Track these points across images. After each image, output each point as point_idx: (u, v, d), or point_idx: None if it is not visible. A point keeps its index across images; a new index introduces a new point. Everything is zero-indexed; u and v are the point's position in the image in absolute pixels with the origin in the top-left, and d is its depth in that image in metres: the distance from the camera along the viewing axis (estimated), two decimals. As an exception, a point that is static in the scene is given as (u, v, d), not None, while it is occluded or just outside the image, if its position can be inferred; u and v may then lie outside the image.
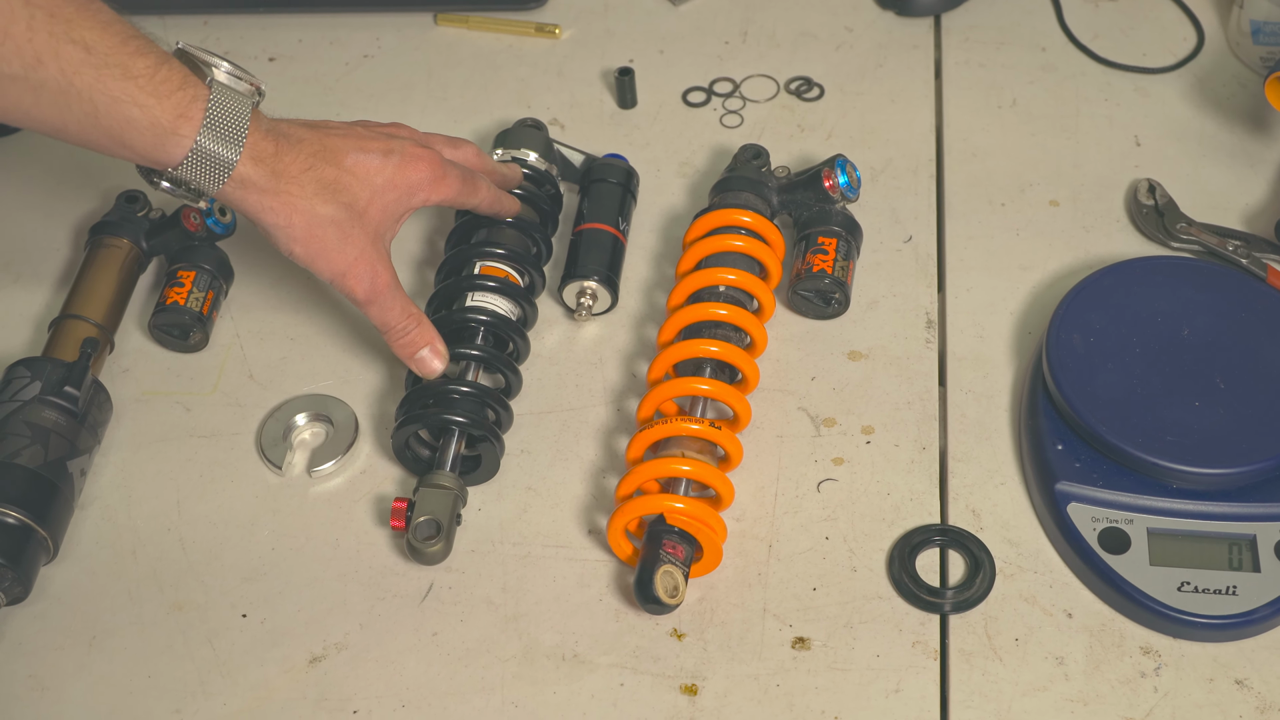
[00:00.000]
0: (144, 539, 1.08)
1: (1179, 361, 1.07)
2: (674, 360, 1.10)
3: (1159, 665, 0.99)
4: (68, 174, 1.31)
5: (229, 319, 1.21)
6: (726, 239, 1.14)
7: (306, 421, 1.14)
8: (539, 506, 1.09)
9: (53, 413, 1.07)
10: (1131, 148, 1.30)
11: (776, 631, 1.01)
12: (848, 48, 1.40)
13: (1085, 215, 1.25)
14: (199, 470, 1.12)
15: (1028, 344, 1.16)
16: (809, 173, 1.19)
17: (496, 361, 1.11)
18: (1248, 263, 1.19)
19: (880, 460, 1.10)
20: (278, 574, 1.06)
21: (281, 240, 1.03)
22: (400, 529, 1.05)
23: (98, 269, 1.19)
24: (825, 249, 1.16)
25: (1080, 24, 1.41)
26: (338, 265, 1.05)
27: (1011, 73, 1.37)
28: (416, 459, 1.09)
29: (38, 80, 0.94)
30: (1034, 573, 1.04)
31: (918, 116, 1.34)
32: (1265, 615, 0.99)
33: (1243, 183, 1.27)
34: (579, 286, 1.18)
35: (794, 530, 1.06)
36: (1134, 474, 1.04)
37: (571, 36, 1.42)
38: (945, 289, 1.20)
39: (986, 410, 1.12)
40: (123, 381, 1.16)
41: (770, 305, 1.14)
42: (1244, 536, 1.02)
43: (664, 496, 1.02)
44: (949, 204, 1.26)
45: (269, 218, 1.02)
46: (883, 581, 1.04)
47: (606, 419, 1.14)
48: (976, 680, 0.99)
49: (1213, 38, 1.39)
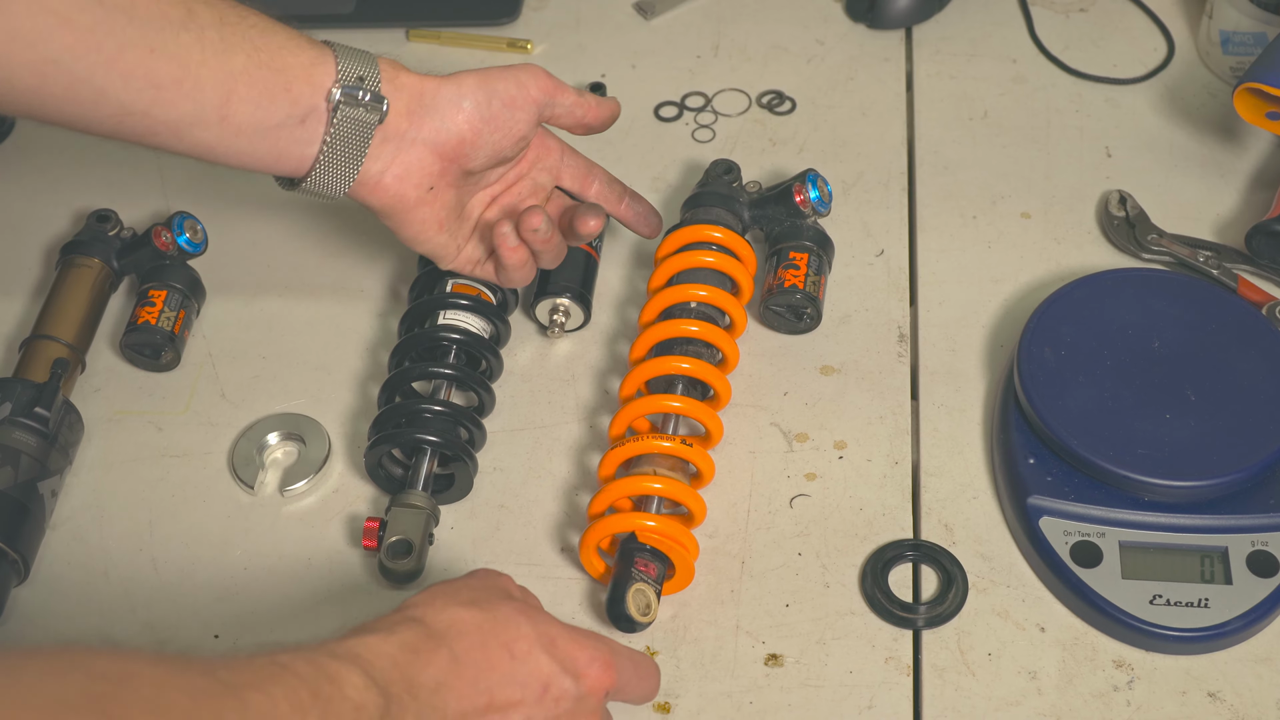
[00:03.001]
0: (115, 560, 1.08)
1: (1150, 374, 1.07)
2: (646, 377, 1.10)
3: (1132, 679, 0.99)
4: (39, 193, 1.31)
5: (201, 338, 1.20)
6: (698, 255, 1.14)
7: (279, 440, 1.14)
8: (511, 524, 1.09)
9: (23, 434, 1.07)
10: (1102, 159, 1.31)
11: (749, 648, 1.01)
12: (819, 61, 1.40)
13: (1057, 227, 1.25)
14: (171, 490, 1.11)
15: (1000, 357, 1.16)
16: (780, 188, 1.19)
17: (469, 380, 1.11)
18: (1218, 274, 1.19)
19: (853, 475, 1.10)
20: (250, 594, 1.06)
21: (450, 90, 1.03)
22: (372, 548, 1.04)
23: (69, 289, 1.18)
24: (797, 264, 1.17)
25: (1051, 35, 1.41)
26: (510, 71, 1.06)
27: (982, 84, 1.37)
28: (389, 478, 1.09)
29: (198, 27, 0.94)
30: (1007, 587, 1.04)
31: (889, 129, 1.34)
32: (1237, 628, 1.00)
33: (1213, 193, 1.28)
34: (552, 304, 1.18)
35: (766, 546, 1.06)
36: (1106, 487, 1.04)
37: (543, 51, 1.42)
38: (917, 302, 1.21)
39: (959, 424, 1.13)
40: (94, 401, 1.16)
41: (742, 321, 1.14)
42: (1215, 549, 1.02)
43: (635, 515, 1.02)
44: (921, 217, 1.27)
45: (431, 83, 1.03)
46: (855, 597, 1.04)
47: (579, 436, 1.14)
48: (950, 696, 0.99)
49: (1183, 48, 1.40)
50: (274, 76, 0.97)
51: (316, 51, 0.99)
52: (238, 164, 1.00)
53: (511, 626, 0.85)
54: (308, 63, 0.98)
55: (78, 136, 1.00)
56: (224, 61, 0.95)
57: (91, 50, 0.90)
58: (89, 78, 0.91)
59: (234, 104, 0.96)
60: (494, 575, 0.92)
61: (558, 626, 0.88)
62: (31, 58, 0.89)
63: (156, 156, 1.33)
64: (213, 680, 0.69)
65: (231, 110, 0.96)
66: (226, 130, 0.97)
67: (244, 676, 0.70)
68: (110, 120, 0.95)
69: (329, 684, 0.74)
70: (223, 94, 0.95)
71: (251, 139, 0.98)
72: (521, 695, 0.84)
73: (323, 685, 0.73)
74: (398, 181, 1.03)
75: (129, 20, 0.91)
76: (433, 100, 1.03)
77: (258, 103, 0.97)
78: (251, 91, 0.96)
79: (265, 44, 0.96)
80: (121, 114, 0.94)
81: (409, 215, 1.06)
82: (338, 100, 0.99)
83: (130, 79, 0.92)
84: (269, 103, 0.97)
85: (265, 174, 1.04)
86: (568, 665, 0.86)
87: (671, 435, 1.06)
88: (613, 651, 0.90)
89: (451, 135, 1.03)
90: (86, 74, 0.91)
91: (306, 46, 0.99)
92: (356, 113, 0.99)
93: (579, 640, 0.88)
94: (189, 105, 0.95)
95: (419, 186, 1.04)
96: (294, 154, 1.00)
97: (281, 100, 0.97)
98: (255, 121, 0.97)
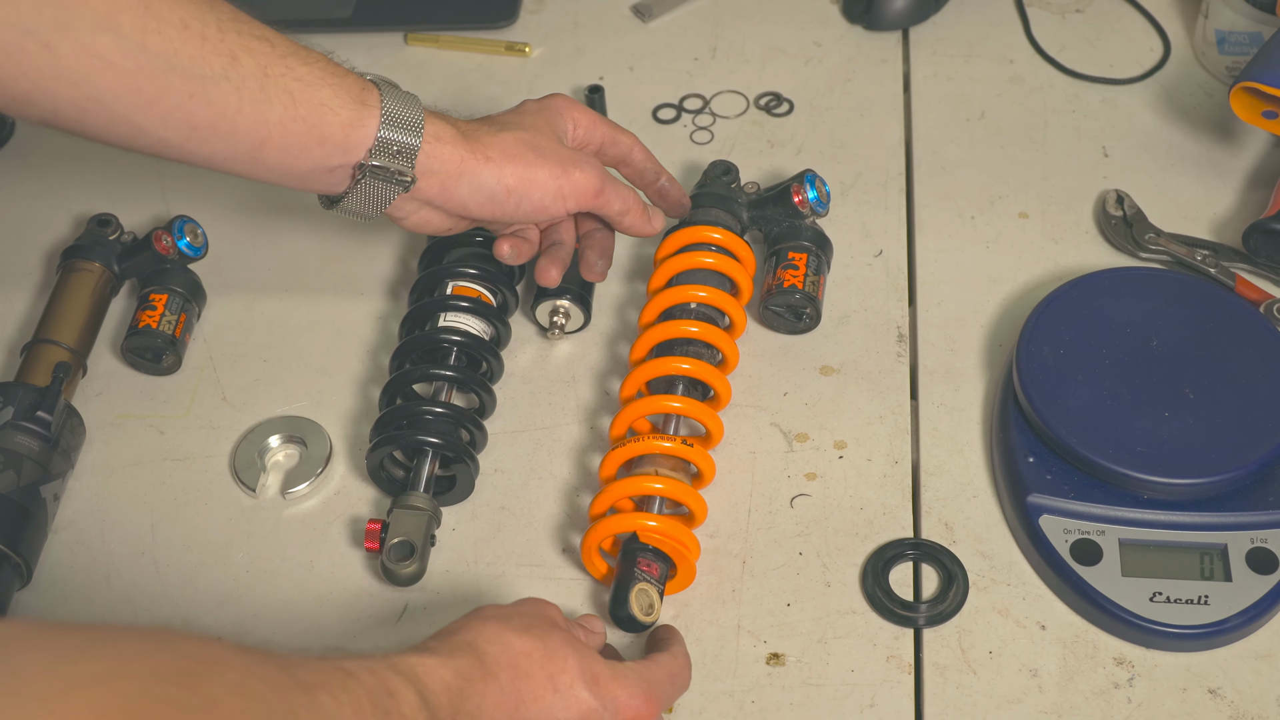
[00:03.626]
0: (118, 563, 1.08)
1: (1149, 372, 1.08)
2: (646, 378, 1.10)
3: (1132, 676, 1.00)
4: (39, 198, 1.31)
5: (201, 341, 1.21)
6: (697, 256, 1.14)
7: (280, 443, 1.14)
8: (513, 526, 1.09)
9: (25, 438, 1.07)
10: (1100, 158, 1.31)
11: (751, 648, 1.02)
12: (816, 62, 1.41)
13: (1054, 227, 1.26)
14: (173, 493, 1.12)
15: (999, 356, 1.16)
16: (778, 188, 1.20)
17: (470, 382, 1.11)
18: (1216, 272, 1.19)
19: (853, 475, 1.10)
20: (252, 597, 1.06)
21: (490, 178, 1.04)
22: (374, 550, 1.05)
23: (70, 293, 1.19)
24: (796, 264, 1.17)
25: (1047, 36, 1.42)
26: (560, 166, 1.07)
27: (980, 85, 1.38)
28: (391, 480, 1.10)
29: (238, 77, 0.96)
30: (1007, 585, 1.04)
31: (887, 130, 1.34)
32: (1237, 624, 1.00)
33: (1210, 192, 1.28)
34: (552, 305, 1.18)
35: (767, 546, 1.07)
36: (1105, 485, 1.04)
37: (541, 55, 1.43)
38: (916, 302, 1.21)
39: (958, 423, 1.13)
40: (95, 405, 1.16)
41: (741, 322, 1.15)
42: (1215, 546, 1.02)
43: (638, 515, 1.02)
44: (919, 217, 1.27)
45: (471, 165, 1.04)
46: (856, 596, 1.04)
47: (580, 437, 1.14)
48: (951, 694, 0.99)
49: (1179, 48, 1.40)
50: (309, 131, 0.99)
51: (359, 113, 1.01)
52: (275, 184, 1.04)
53: (559, 659, 0.87)
54: (346, 123, 1.00)
55: (78, 141, 1.00)
56: (261, 112, 0.97)
57: (132, 93, 0.94)
58: (128, 116, 0.95)
59: (267, 150, 0.99)
60: (542, 604, 0.94)
61: (601, 663, 0.90)
62: (75, 95, 0.93)
63: (157, 162, 1.32)
64: (288, 675, 0.72)
65: (264, 155, 0.99)
66: (258, 169, 1.01)
67: (316, 677, 0.74)
68: (147, 150, 0.99)
69: (388, 698, 0.77)
70: (256, 141, 0.98)
71: (282, 177, 1.02)
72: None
73: (382, 698, 0.77)
74: (418, 226, 1.08)
75: (169, 68, 0.94)
76: (468, 181, 1.04)
77: (289, 152, 1.00)
78: (284, 141, 0.99)
79: (305, 99, 0.99)
80: (159, 147, 0.98)
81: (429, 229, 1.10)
82: (366, 170, 1.02)
83: (168, 120, 0.96)
84: (300, 154, 1.00)
85: None
86: (607, 702, 0.88)
87: (673, 436, 1.06)
88: (651, 683, 0.92)
89: (470, 212, 1.06)
90: (126, 113, 0.95)
91: (350, 104, 1.00)
92: (381, 184, 1.02)
93: (621, 678, 0.90)
94: (223, 146, 0.98)
95: (436, 229, 1.09)
96: (323, 188, 1.04)
97: (314, 153, 1.00)
98: (285, 167, 1.01)
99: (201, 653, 0.69)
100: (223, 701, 0.67)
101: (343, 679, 0.76)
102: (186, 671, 0.67)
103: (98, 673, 0.63)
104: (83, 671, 0.63)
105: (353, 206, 1.04)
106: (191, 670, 0.67)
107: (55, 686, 0.61)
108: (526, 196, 1.06)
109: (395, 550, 1.04)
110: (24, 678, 0.61)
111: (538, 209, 1.07)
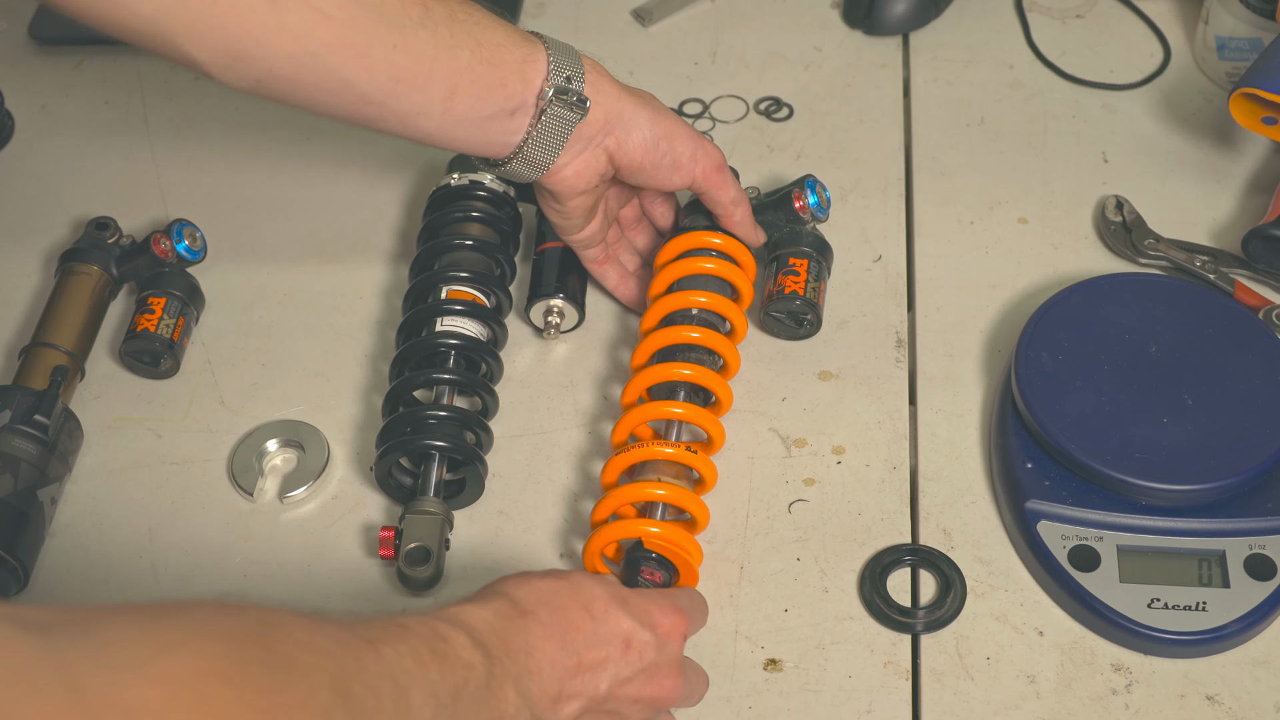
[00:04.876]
0: (115, 567, 1.08)
1: (1147, 378, 1.08)
2: (648, 384, 1.10)
3: (1130, 682, 0.99)
4: (38, 201, 1.31)
5: (200, 345, 1.21)
6: (698, 261, 1.14)
7: (278, 447, 1.14)
8: (511, 531, 1.09)
9: (23, 441, 1.07)
10: (1099, 164, 1.31)
11: (748, 653, 1.02)
12: (816, 67, 1.41)
13: (1054, 232, 1.26)
14: (170, 497, 1.12)
15: (997, 362, 1.16)
16: (779, 193, 1.20)
17: (472, 384, 1.11)
18: (1215, 278, 1.19)
19: (851, 480, 1.10)
20: (249, 601, 1.05)
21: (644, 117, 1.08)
22: (390, 557, 1.04)
23: (68, 296, 1.19)
24: (797, 270, 1.17)
25: (1047, 41, 1.42)
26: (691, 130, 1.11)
27: (980, 90, 1.38)
28: (399, 487, 1.09)
29: (433, 24, 0.99)
30: (1005, 591, 1.04)
31: (886, 135, 1.34)
32: (1235, 631, 1.00)
33: (1210, 198, 1.28)
34: (545, 305, 1.18)
35: (765, 551, 1.07)
36: (1103, 491, 1.04)
37: (541, 58, 1.42)
38: (915, 308, 1.21)
39: (957, 429, 1.13)
40: (93, 409, 1.16)
41: (743, 327, 1.14)
42: (1213, 552, 1.02)
43: (641, 521, 1.02)
44: (918, 222, 1.27)
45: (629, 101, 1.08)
46: (854, 602, 1.04)
47: (579, 442, 1.14)
48: (948, 700, 0.99)
49: (1179, 54, 1.40)
50: (493, 72, 1.02)
51: (530, 48, 1.04)
52: (448, 146, 1.06)
53: (586, 590, 0.91)
54: (521, 59, 1.04)
55: (76, 145, 1.01)
56: (452, 58, 1.00)
57: (345, 45, 0.97)
58: (339, 70, 0.98)
59: (457, 97, 1.02)
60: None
61: (626, 589, 0.94)
62: (294, 50, 0.96)
63: (155, 165, 1.33)
64: (350, 633, 0.76)
65: (454, 103, 1.02)
66: (447, 120, 1.03)
67: (375, 633, 0.78)
68: (348, 108, 1.01)
69: (442, 643, 0.81)
70: (449, 88, 1.01)
71: (468, 128, 1.04)
72: (607, 653, 0.90)
73: (437, 644, 0.81)
74: (575, 176, 1.09)
75: (379, 17, 0.97)
76: (625, 116, 1.08)
77: (477, 96, 1.02)
78: (474, 86, 1.02)
79: (487, 39, 1.02)
80: (361, 103, 1.01)
81: (569, 201, 1.11)
82: (549, 98, 1.04)
83: (374, 72, 0.99)
84: (487, 96, 1.02)
85: None
86: (644, 619, 0.92)
87: (675, 442, 1.06)
88: (675, 598, 0.96)
89: (626, 155, 1.09)
90: (338, 66, 0.98)
91: (521, 43, 1.04)
92: (562, 111, 1.05)
93: (648, 595, 0.95)
94: (419, 98, 1.01)
95: (589, 181, 1.10)
96: (500, 141, 1.06)
97: (498, 94, 1.03)
98: (473, 113, 1.03)
99: (269, 617, 0.72)
100: (298, 658, 0.70)
101: (398, 631, 0.80)
102: (260, 633, 0.70)
103: (181, 638, 0.66)
104: (165, 638, 0.65)
105: (531, 152, 1.06)
106: (264, 631, 0.70)
107: (143, 654, 0.64)
108: (670, 148, 1.09)
109: (411, 555, 1.04)
110: (111, 648, 0.63)
111: (675, 166, 1.10)
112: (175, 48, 0.94)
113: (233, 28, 0.93)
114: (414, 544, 1.04)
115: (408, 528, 1.05)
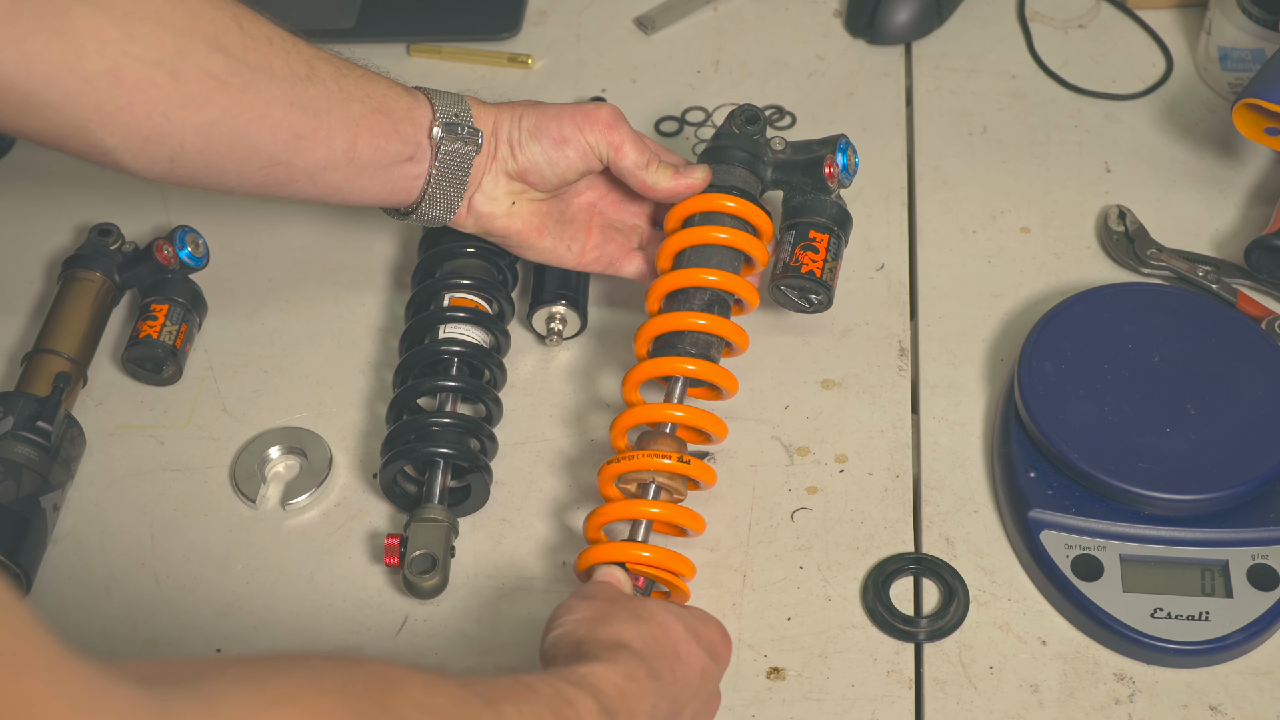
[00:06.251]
0: (117, 574, 1.08)
1: (1150, 388, 1.08)
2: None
3: (1133, 692, 0.99)
4: (40, 207, 1.31)
5: (202, 352, 1.21)
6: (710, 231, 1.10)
7: (280, 454, 1.14)
8: (513, 538, 1.09)
9: (25, 448, 1.07)
10: (1102, 174, 1.31)
11: (751, 662, 1.01)
12: (819, 76, 1.41)
13: (1056, 242, 1.26)
14: (172, 504, 1.12)
15: (1000, 371, 1.16)
16: (809, 156, 1.14)
17: (476, 391, 1.11)
18: (1218, 288, 1.19)
19: (854, 489, 1.10)
20: (252, 609, 1.06)
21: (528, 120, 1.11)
22: (395, 565, 1.04)
23: (70, 303, 1.19)
24: (816, 246, 1.11)
25: (1050, 51, 1.42)
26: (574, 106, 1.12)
27: (982, 100, 1.38)
28: (404, 495, 1.09)
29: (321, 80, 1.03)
30: (1008, 600, 1.04)
31: (889, 144, 1.34)
32: (1238, 641, 1.00)
33: (1212, 208, 1.28)
34: (548, 312, 1.18)
35: (768, 560, 1.07)
36: (1106, 501, 1.04)
37: (544, 66, 1.43)
38: (918, 316, 1.21)
39: (959, 438, 1.13)
40: (96, 415, 1.16)
41: (753, 300, 1.11)
42: (1216, 562, 1.02)
43: (627, 545, 1.01)
44: (921, 231, 1.27)
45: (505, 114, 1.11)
46: (857, 610, 1.04)
47: (581, 449, 1.14)
48: (951, 709, 0.99)
49: (1181, 64, 1.40)
50: (385, 121, 1.06)
51: (412, 97, 1.08)
52: (358, 201, 1.09)
53: (671, 630, 0.90)
54: (408, 106, 1.07)
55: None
56: (346, 110, 1.04)
57: (245, 108, 0.99)
58: (245, 133, 1.00)
59: (359, 147, 1.05)
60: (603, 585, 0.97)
61: (684, 613, 0.93)
62: (200, 120, 0.98)
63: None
64: (469, 691, 0.75)
65: (357, 153, 1.05)
66: (353, 170, 1.06)
67: (495, 691, 0.77)
68: (259, 174, 1.03)
69: (568, 707, 0.80)
70: (349, 139, 1.04)
71: (372, 177, 1.07)
72: (692, 693, 0.90)
73: (562, 707, 0.79)
74: (483, 202, 1.11)
75: (271, 77, 1.00)
76: (503, 132, 1.11)
77: (376, 145, 1.05)
78: (372, 136, 1.05)
79: (374, 90, 1.06)
80: (270, 165, 1.03)
81: (501, 230, 1.13)
82: (439, 136, 1.07)
83: (277, 131, 1.01)
84: (385, 144, 1.06)
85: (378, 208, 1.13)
86: (711, 649, 0.92)
87: (670, 450, 1.04)
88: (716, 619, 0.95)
89: (526, 155, 1.11)
90: (243, 130, 1.00)
91: (404, 93, 1.08)
92: (455, 145, 1.08)
93: (705, 620, 0.94)
94: (323, 152, 1.04)
95: (500, 205, 1.12)
96: (405, 187, 1.09)
97: (394, 141, 1.06)
98: (375, 161, 1.06)
99: (386, 672, 0.71)
100: (411, 718, 0.70)
101: (521, 691, 0.78)
102: (375, 689, 0.69)
103: (290, 692, 0.65)
104: (276, 692, 0.65)
105: (437, 191, 1.09)
106: (379, 688, 0.70)
107: (250, 709, 0.63)
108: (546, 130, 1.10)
109: (416, 563, 1.04)
110: (219, 701, 0.62)
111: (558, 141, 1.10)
112: (87, 136, 0.95)
113: (140, 105, 0.94)
114: (419, 551, 1.04)
115: (413, 535, 1.04)
